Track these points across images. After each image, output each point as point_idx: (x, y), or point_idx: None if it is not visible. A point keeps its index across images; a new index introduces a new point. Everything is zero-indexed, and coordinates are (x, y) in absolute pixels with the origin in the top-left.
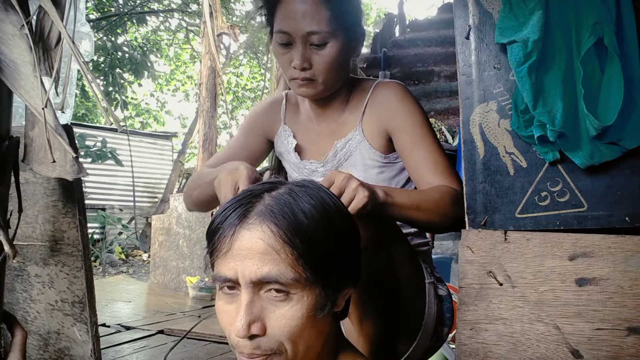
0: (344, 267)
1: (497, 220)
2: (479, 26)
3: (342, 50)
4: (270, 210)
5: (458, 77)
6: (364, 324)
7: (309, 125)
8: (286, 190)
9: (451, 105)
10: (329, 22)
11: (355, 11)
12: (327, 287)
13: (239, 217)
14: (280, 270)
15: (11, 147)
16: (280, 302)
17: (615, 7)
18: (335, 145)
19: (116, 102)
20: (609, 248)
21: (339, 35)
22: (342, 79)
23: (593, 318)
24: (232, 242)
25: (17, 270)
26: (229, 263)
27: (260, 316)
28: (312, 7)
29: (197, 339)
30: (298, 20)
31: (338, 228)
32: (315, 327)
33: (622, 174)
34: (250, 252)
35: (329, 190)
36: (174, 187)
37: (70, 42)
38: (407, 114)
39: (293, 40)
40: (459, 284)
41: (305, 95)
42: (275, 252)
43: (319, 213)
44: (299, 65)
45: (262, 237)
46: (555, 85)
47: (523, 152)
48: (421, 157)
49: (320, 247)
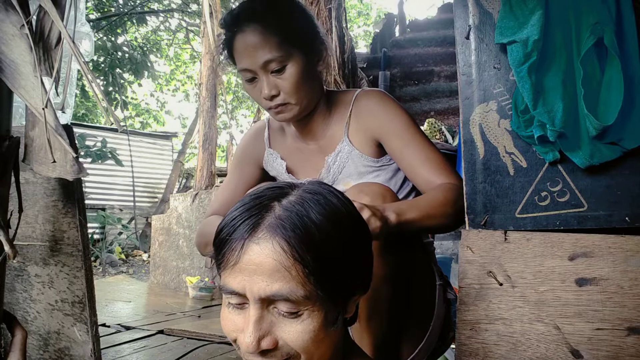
0: (355, 276)
1: (497, 220)
2: (479, 26)
3: (304, 67)
4: (281, 224)
5: (458, 77)
6: (371, 323)
7: (297, 145)
8: (297, 199)
9: (451, 105)
10: (279, 47)
11: (305, 26)
12: (338, 299)
13: (248, 230)
14: (290, 288)
15: (11, 147)
16: (291, 318)
17: (615, 7)
18: (327, 161)
19: (116, 102)
20: (609, 248)
21: (295, 54)
22: (316, 93)
23: (593, 318)
24: (240, 255)
25: (17, 270)
26: (237, 276)
27: (271, 330)
28: (260, 38)
29: (197, 339)
30: (251, 54)
31: (350, 237)
32: (328, 337)
33: (622, 174)
34: (259, 267)
35: (339, 193)
36: (174, 187)
37: (70, 42)
38: (392, 119)
39: (255, 74)
40: (459, 284)
41: (285, 119)
42: (285, 270)
43: (331, 223)
44: (267, 94)
45: (272, 253)
46: (555, 85)
47: (523, 152)
48: (413, 157)
49: (332, 262)
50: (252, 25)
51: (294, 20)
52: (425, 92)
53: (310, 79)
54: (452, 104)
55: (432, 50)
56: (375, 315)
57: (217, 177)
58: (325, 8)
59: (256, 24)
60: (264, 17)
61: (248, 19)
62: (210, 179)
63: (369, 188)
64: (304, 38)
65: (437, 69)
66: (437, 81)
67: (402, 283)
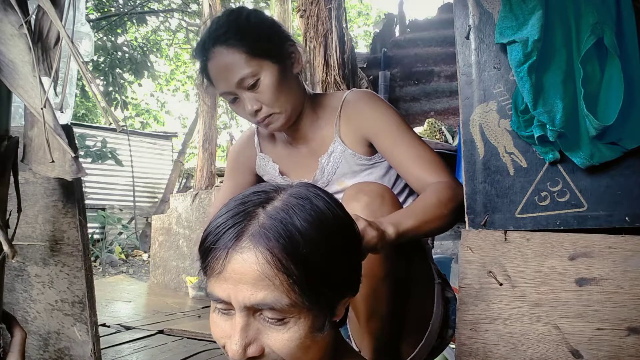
0: (343, 281)
1: (497, 220)
2: (479, 26)
3: (278, 75)
4: (265, 233)
5: (458, 77)
6: (371, 322)
7: (288, 150)
8: (282, 205)
9: (451, 105)
10: (247, 63)
11: (268, 33)
12: (325, 305)
13: (231, 239)
14: (275, 297)
15: (10, 147)
16: (277, 326)
17: (615, 7)
18: (321, 162)
19: (116, 102)
20: (609, 248)
21: (266, 64)
22: (299, 97)
23: (593, 318)
24: (225, 264)
25: (17, 270)
26: (222, 285)
27: (257, 337)
28: (226, 59)
29: (197, 339)
30: (224, 77)
31: (337, 243)
32: (316, 343)
33: (622, 174)
34: (243, 276)
35: (326, 196)
36: (174, 187)
37: (69, 42)
38: (381, 118)
39: (234, 94)
40: (459, 284)
41: (276, 129)
42: (268, 280)
43: (317, 230)
44: (250, 110)
45: (255, 263)
46: (555, 85)
47: (523, 152)
48: (404, 155)
49: (317, 270)
50: (216, 49)
51: (255, 32)
52: (425, 92)
53: (288, 84)
54: (452, 104)
55: (432, 50)
56: (375, 315)
57: (217, 177)
58: (325, 8)
59: (220, 46)
60: (226, 38)
61: (212, 44)
62: (210, 179)
63: (368, 187)
64: (269, 46)
65: (437, 69)
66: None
67: (401, 283)
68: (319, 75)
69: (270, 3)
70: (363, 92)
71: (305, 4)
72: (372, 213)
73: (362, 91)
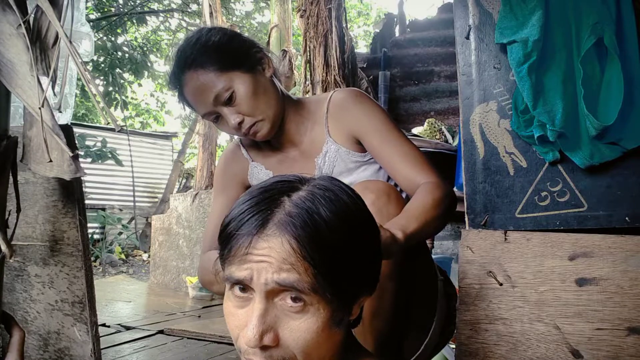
0: (362, 277)
1: (497, 220)
2: (479, 26)
3: (251, 83)
4: (291, 221)
5: (458, 77)
6: (375, 321)
7: (277, 156)
8: (307, 195)
9: (451, 105)
10: (218, 78)
11: (231, 44)
12: (344, 300)
13: (256, 225)
14: (298, 278)
15: (9, 146)
16: (296, 314)
17: (615, 7)
18: (317, 163)
19: (116, 102)
20: (609, 248)
21: (236, 76)
22: (278, 100)
23: (593, 318)
24: (248, 250)
25: (17, 270)
26: (244, 265)
27: (274, 326)
28: (196, 81)
29: (197, 339)
30: (199, 99)
31: (360, 236)
32: (330, 339)
33: (622, 174)
34: (267, 258)
35: (349, 190)
36: (174, 187)
37: (67, 42)
38: (368, 116)
39: (214, 112)
40: (459, 284)
41: (263, 137)
42: (292, 266)
43: (342, 222)
44: (233, 125)
45: (280, 251)
46: (555, 85)
47: (523, 152)
48: (392, 153)
49: (340, 262)
50: (186, 74)
51: (219, 48)
52: (425, 92)
53: (264, 89)
54: (452, 104)
55: (432, 50)
56: (379, 314)
57: None
58: (325, 8)
59: (188, 71)
60: (192, 61)
61: (180, 69)
62: (210, 179)
63: (374, 185)
64: (236, 57)
65: (437, 69)
66: (437, 81)
67: (405, 280)
68: (319, 75)
69: (270, 3)
70: (349, 90)
71: (305, 4)
72: (378, 211)
73: (348, 90)
